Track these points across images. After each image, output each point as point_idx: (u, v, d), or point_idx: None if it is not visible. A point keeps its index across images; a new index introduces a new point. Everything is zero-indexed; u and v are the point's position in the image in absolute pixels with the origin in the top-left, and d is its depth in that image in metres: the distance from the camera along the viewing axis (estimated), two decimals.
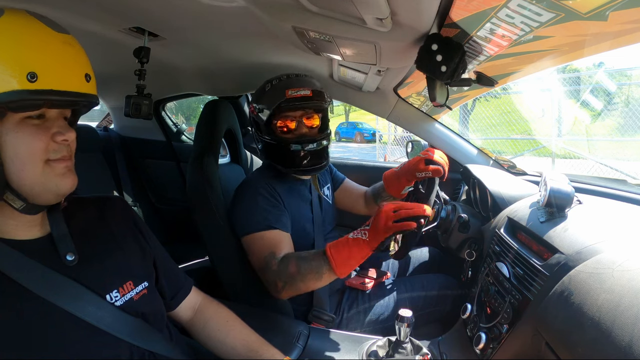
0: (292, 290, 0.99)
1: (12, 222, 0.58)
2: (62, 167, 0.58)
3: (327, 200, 1.34)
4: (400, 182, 1.30)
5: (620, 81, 6.05)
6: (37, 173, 0.55)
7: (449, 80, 0.81)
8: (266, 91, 1.12)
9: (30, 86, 0.51)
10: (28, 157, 0.54)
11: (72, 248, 0.62)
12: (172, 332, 0.77)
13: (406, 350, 0.84)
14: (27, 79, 0.50)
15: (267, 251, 1.03)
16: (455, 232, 1.19)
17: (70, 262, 0.60)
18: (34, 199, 0.57)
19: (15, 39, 0.51)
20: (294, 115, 1.13)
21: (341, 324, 1.17)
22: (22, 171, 0.54)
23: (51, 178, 0.57)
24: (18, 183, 0.55)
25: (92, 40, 1.01)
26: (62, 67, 0.54)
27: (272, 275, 1.00)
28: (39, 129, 0.55)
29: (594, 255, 0.66)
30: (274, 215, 1.08)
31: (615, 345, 0.50)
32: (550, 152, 5.79)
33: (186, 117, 6.43)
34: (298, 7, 0.74)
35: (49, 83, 0.52)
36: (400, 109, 1.54)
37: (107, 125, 2.14)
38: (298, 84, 1.10)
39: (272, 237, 1.06)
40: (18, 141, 0.53)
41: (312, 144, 1.11)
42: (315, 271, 0.95)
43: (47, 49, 0.53)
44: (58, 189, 0.58)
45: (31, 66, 0.51)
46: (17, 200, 0.56)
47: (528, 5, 0.58)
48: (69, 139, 0.58)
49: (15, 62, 0.50)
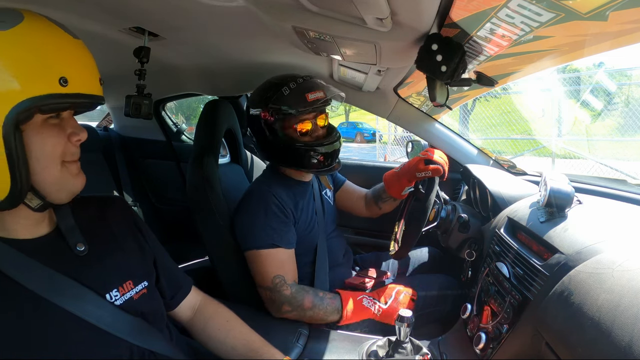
0: (294, 316, 1.07)
1: (23, 221, 0.59)
2: (75, 168, 0.61)
3: (329, 201, 1.34)
4: (400, 183, 1.30)
5: (620, 81, 6.06)
6: (57, 172, 0.57)
7: (449, 80, 0.81)
8: (286, 96, 1.09)
9: (62, 90, 0.53)
10: (50, 158, 0.56)
11: (82, 239, 0.64)
12: (172, 332, 0.77)
13: (406, 350, 0.84)
14: (59, 84, 0.53)
15: (274, 271, 1.06)
16: (455, 232, 1.19)
17: (81, 252, 0.62)
18: (51, 197, 0.58)
19: (44, 44, 0.53)
20: (310, 117, 1.13)
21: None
22: (46, 170, 0.56)
23: (68, 178, 0.59)
24: (40, 182, 0.56)
25: (92, 40, 1.01)
26: (86, 72, 0.58)
27: (282, 298, 1.05)
28: (59, 129, 0.58)
29: (594, 255, 0.66)
30: (279, 233, 1.09)
31: (615, 345, 0.50)
32: (550, 152, 5.79)
33: (186, 117, 6.44)
34: (298, 7, 0.74)
35: (77, 87, 0.55)
36: (400, 109, 1.54)
37: (107, 125, 2.14)
38: (313, 87, 1.11)
39: (278, 257, 1.08)
40: (43, 142, 0.55)
41: (331, 144, 1.14)
42: (327, 314, 1.07)
43: (73, 54, 0.56)
44: (73, 188, 0.61)
45: (62, 71, 0.53)
46: (35, 199, 0.57)
47: (528, 5, 0.58)
48: (82, 139, 0.60)
49: (48, 67, 0.53)
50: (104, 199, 0.75)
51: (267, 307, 1.09)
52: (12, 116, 0.50)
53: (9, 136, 0.51)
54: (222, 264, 1.18)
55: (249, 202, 1.14)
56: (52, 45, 0.54)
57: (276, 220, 1.09)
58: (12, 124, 0.50)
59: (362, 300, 1.10)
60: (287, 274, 1.07)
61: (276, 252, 1.07)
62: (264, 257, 1.07)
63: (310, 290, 1.09)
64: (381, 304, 1.10)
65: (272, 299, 1.06)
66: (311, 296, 1.07)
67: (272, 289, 1.05)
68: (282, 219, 1.11)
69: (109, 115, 2.13)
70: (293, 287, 1.06)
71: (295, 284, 1.08)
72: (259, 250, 1.07)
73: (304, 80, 1.12)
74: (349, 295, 1.11)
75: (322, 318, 1.07)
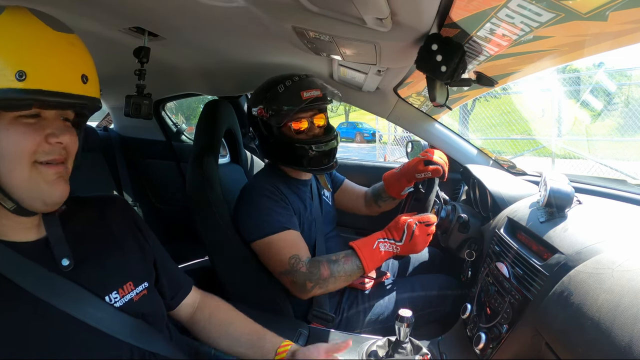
0: (321, 291, 1.05)
1: (6, 222, 0.57)
2: (52, 173, 0.56)
3: (327, 202, 1.34)
4: (400, 183, 1.30)
5: (620, 81, 6.06)
6: (25, 176, 0.53)
7: (449, 80, 0.81)
8: (280, 93, 1.10)
9: (18, 85, 0.49)
10: (16, 157, 0.53)
11: (68, 253, 0.60)
12: (172, 332, 0.77)
13: (406, 350, 0.84)
14: (15, 78, 0.49)
15: (288, 253, 1.05)
16: (455, 232, 1.19)
17: (66, 268, 0.59)
18: (24, 203, 0.55)
19: (8, 36, 0.50)
20: (306, 115, 1.13)
21: (341, 323, 1.17)
22: (11, 172, 0.53)
23: (39, 184, 0.55)
24: (7, 184, 0.53)
25: (92, 40, 1.01)
26: (55, 67, 0.52)
27: (301, 276, 1.03)
28: (31, 128, 0.54)
29: (593, 255, 0.66)
30: (285, 216, 1.09)
31: (615, 345, 0.50)
32: (550, 152, 5.79)
33: (186, 117, 6.44)
34: (298, 7, 0.74)
35: (38, 83, 0.50)
36: (400, 109, 1.54)
37: (107, 125, 2.14)
38: (310, 85, 1.11)
39: (289, 238, 1.08)
40: (9, 140, 0.52)
41: (327, 143, 1.14)
42: (348, 274, 1.05)
43: (41, 47, 0.52)
44: (45, 197, 0.56)
45: (21, 64, 0.49)
46: (8, 201, 0.54)
47: (528, 5, 0.58)
48: (64, 142, 0.56)
49: (5, 60, 0.49)
50: (104, 199, 0.75)
51: (293, 292, 1.07)
52: None
53: None
54: (222, 264, 1.18)
55: (249, 195, 1.15)
56: (18, 38, 0.50)
57: (279, 206, 1.10)
58: None
59: (378, 246, 1.06)
60: (300, 252, 1.06)
61: (286, 234, 1.07)
62: (276, 242, 1.07)
63: (323, 258, 1.07)
64: (397, 242, 1.07)
65: (294, 282, 1.04)
66: (326, 264, 1.05)
67: (291, 271, 1.04)
68: (284, 205, 1.12)
69: (109, 115, 2.13)
70: (307, 262, 1.05)
71: (308, 260, 1.06)
72: (271, 236, 1.07)
73: (300, 79, 1.12)
74: (363, 247, 1.06)
75: (346, 280, 1.06)
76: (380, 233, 1.09)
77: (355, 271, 1.05)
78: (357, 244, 1.07)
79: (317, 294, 1.05)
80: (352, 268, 1.05)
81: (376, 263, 1.06)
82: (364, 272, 1.05)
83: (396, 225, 1.08)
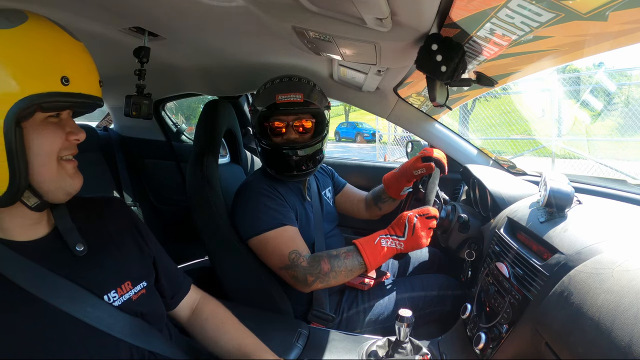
0: (322, 285, 1.05)
1: (20, 220, 0.59)
2: (71, 167, 0.61)
3: (328, 202, 1.35)
4: (399, 183, 1.30)
5: (620, 81, 6.05)
6: (54, 171, 0.58)
7: (449, 80, 0.81)
8: (260, 93, 1.13)
9: (63, 89, 0.55)
10: (48, 154, 0.57)
11: (80, 239, 0.63)
12: (172, 332, 0.77)
13: (406, 350, 0.84)
14: (61, 82, 0.54)
15: (288, 248, 1.05)
16: (455, 232, 1.19)
17: (81, 252, 0.62)
18: (48, 196, 0.59)
19: (47, 43, 0.54)
20: (285, 119, 1.12)
21: (341, 323, 1.17)
22: (43, 167, 0.57)
23: (65, 177, 0.60)
24: (38, 180, 0.57)
25: (92, 40, 1.01)
26: (87, 73, 0.59)
27: (302, 271, 1.03)
28: (58, 128, 0.58)
29: (593, 255, 0.66)
30: (282, 213, 1.09)
31: (615, 345, 0.50)
32: (550, 152, 5.79)
33: (186, 117, 6.44)
34: (298, 7, 0.74)
35: (78, 87, 0.56)
36: (400, 109, 1.54)
37: (107, 125, 2.14)
38: (289, 89, 1.10)
39: (287, 234, 1.08)
40: (41, 139, 0.56)
41: (299, 149, 1.11)
42: (349, 269, 1.04)
43: (74, 55, 0.57)
44: (69, 188, 0.61)
45: (64, 70, 0.55)
46: (33, 197, 0.58)
47: (528, 5, 0.58)
48: (80, 139, 0.61)
49: (50, 66, 0.54)
50: (102, 200, 0.75)
51: (295, 287, 1.07)
52: (14, 112, 0.51)
53: (9, 132, 0.51)
54: (221, 264, 1.18)
55: (245, 193, 1.15)
56: (54, 45, 0.55)
57: (275, 202, 1.11)
58: (13, 120, 0.51)
59: (380, 242, 1.05)
60: (300, 247, 1.07)
61: (284, 230, 1.08)
62: (274, 238, 1.07)
63: (324, 253, 1.07)
64: (400, 237, 1.06)
65: (295, 276, 1.05)
66: (326, 258, 1.05)
67: (291, 266, 1.04)
68: (281, 202, 1.12)
69: (109, 115, 2.13)
70: (307, 257, 1.05)
71: (308, 255, 1.06)
72: (268, 233, 1.07)
73: (281, 81, 1.12)
74: (365, 243, 1.06)
75: (347, 276, 1.05)
76: (382, 230, 1.09)
77: (356, 267, 1.04)
78: (359, 240, 1.07)
79: (319, 288, 1.05)
80: (353, 263, 1.04)
81: (378, 259, 1.05)
82: (366, 268, 1.04)
83: (398, 221, 1.08)
